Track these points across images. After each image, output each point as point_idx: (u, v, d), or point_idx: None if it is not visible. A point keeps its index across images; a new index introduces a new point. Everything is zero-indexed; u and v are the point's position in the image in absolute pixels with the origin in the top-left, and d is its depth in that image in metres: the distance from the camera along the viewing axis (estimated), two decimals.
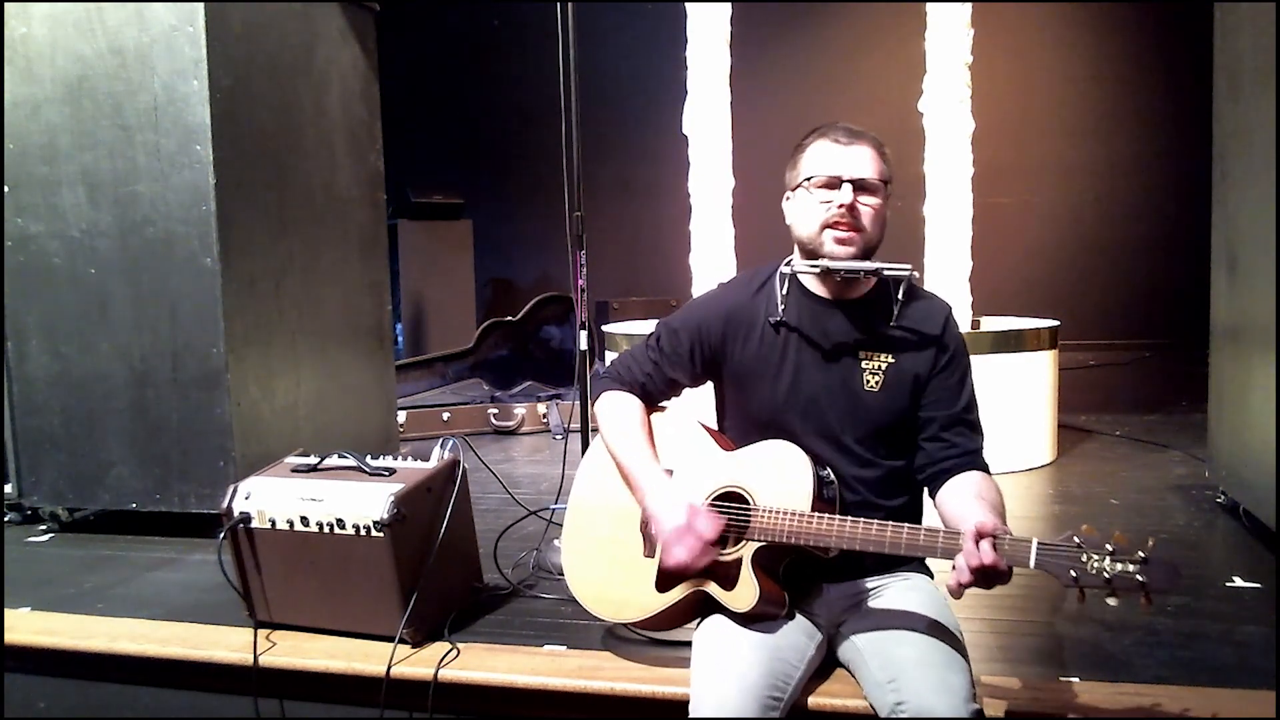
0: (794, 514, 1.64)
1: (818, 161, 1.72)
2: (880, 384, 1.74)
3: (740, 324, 1.81)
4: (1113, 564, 1.35)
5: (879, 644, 1.65)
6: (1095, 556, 1.37)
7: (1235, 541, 2.76)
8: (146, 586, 2.57)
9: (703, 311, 1.87)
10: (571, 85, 2.55)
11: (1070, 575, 1.37)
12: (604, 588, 1.86)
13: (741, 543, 1.68)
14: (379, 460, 2.20)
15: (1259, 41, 2.58)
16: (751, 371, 1.79)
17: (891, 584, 1.78)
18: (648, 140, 6.61)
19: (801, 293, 1.79)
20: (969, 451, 1.74)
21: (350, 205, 3.58)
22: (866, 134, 1.74)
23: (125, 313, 2.92)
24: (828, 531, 1.61)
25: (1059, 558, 1.39)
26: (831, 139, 1.72)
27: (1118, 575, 1.35)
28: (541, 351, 5.67)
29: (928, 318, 1.77)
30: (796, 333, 1.77)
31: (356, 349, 3.64)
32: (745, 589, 1.66)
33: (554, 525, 2.70)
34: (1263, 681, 1.80)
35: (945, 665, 1.56)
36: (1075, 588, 1.37)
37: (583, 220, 2.59)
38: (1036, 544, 1.41)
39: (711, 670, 1.61)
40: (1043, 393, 3.76)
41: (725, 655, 1.62)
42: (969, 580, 1.44)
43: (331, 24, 3.50)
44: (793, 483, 1.67)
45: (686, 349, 1.84)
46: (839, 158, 1.70)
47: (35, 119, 2.93)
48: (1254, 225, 2.64)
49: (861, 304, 1.77)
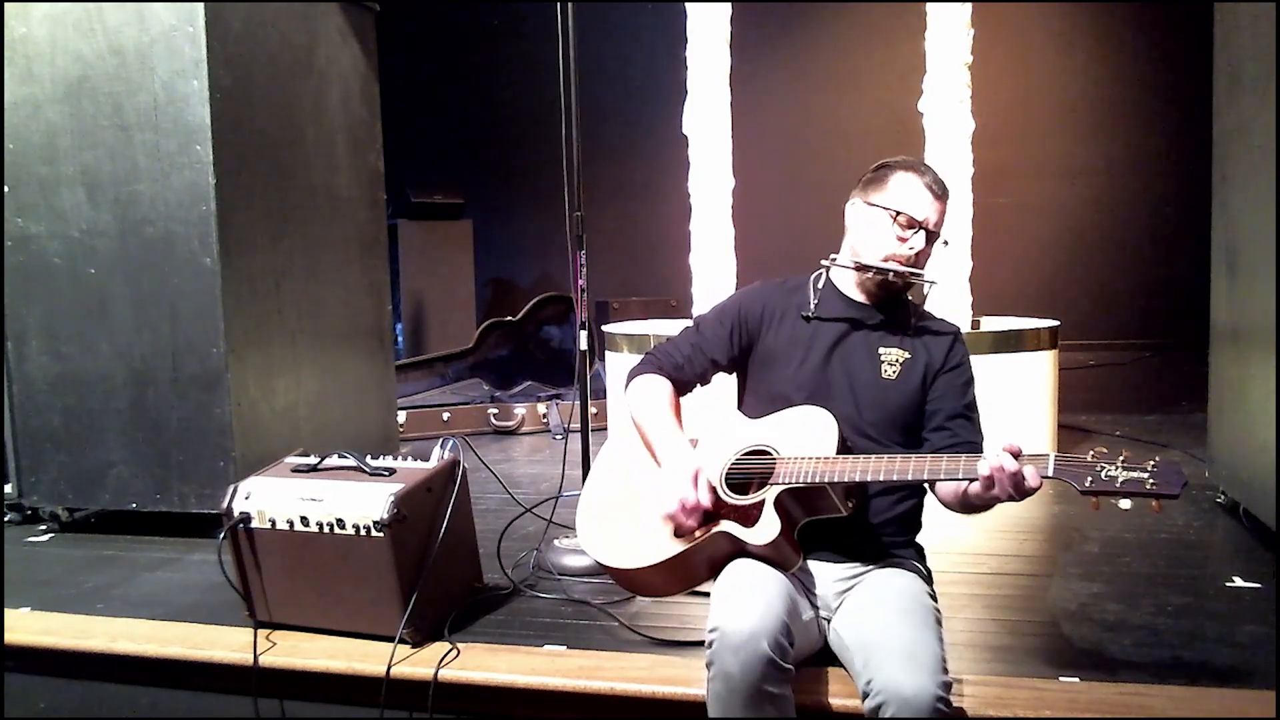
0: (818, 457, 1.72)
1: (909, 199, 1.85)
2: (898, 374, 1.88)
3: (775, 311, 1.96)
4: (1124, 471, 1.51)
5: (857, 629, 1.70)
6: (1108, 465, 1.52)
7: (1235, 541, 2.76)
8: (146, 586, 2.57)
9: (742, 297, 2.02)
10: (571, 85, 2.55)
11: (1086, 481, 1.52)
12: (617, 533, 1.88)
13: (765, 488, 1.74)
14: (379, 460, 2.20)
15: (1259, 41, 2.58)
16: (779, 354, 1.92)
17: (875, 572, 1.82)
18: (648, 140, 6.60)
19: (834, 293, 1.95)
20: (970, 442, 1.84)
21: (350, 205, 3.58)
22: (944, 185, 1.91)
23: (125, 313, 2.92)
24: (852, 468, 1.69)
25: (1076, 465, 1.54)
26: (927, 184, 1.86)
27: (1129, 479, 1.50)
28: (541, 351, 5.67)
29: (940, 331, 1.95)
30: (825, 323, 1.92)
31: (356, 349, 3.64)
32: (767, 524, 1.71)
33: (554, 525, 2.70)
34: (1263, 681, 1.81)
35: (912, 641, 1.58)
36: (1091, 494, 1.52)
37: (583, 220, 2.59)
38: (1054, 456, 1.56)
39: (733, 589, 1.65)
40: (1043, 393, 3.76)
41: (748, 578, 1.67)
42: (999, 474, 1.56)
43: (331, 24, 3.50)
44: (818, 436, 1.77)
45: (727, 329, 1.96)
46: (928, 207, 1.85)
47: (35, 119, 2.93)
48: (1254, 225, 2.64)
49: (885, 310, 1.93)
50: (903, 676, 1.50)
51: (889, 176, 1.88)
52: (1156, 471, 1.50)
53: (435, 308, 7.20)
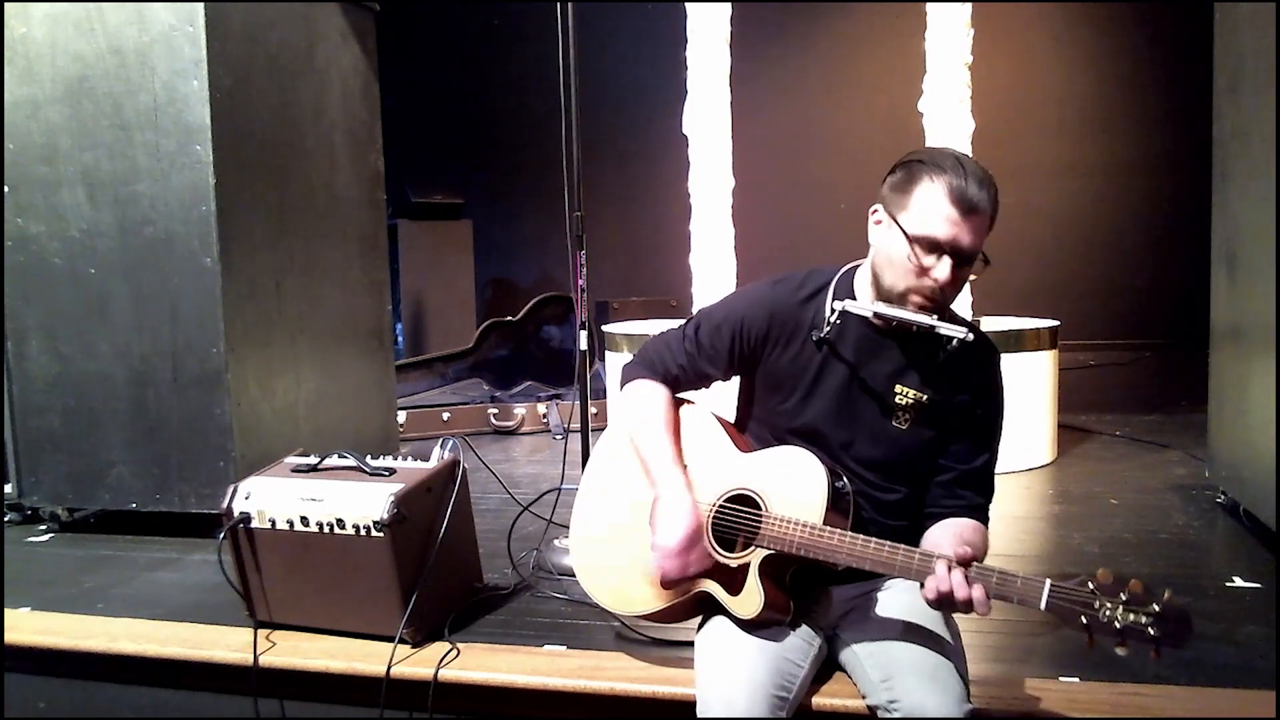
0: (805, 525, 1.62)
1: (931, 218, 1.55)
2: (909, 421, 1.71)
3: (784, 328, 1.75)
4: (1125, 613, 1.32)
5: (875, 646, 1.65)
6: (1109, 604, 1.34)
7: (1235, 541, 2.76)
8: (146, 586, 2.57)
9: (747, 306, 1.79)
10: (571, 85, 2.55)
11: (1081, 621, 1.35)
12: (610, 579, 1.86)
13: (750, 548, 1.67)
14: (379, 460, 2.20)
15: (1259, 41, 2.57)
16: (784, 379, 1.76)
17: (890, 586, 1.78)
18: (648, 140, 6.59)
19: (854, 315, 1.70)
20: (974, 506, 1.74)
21: (350, 205, 3.58)
22: (989, 192, 1.55)
23: (125, 313, 2.92)
24: (837, 548, 1.59)
25: (1071, 601, 1.37)
26: (954, 199, 1.53)
27: (1130, 626, 1.32)
28: (541, 351, 5.67)
29: (975, 363, 1.72)
30: (837, 357, 1.72)
31: (356, 349, 3.64)
32: (750, 597, 1.65)
33: (554, 525, 2.70)
34: (1263, 681, 1.80)
35: (939, 665, 1.56)
36: (1085, 634, 1.35)
37: (583, 220, 2.59)
38: (1049, 585, 1.39)
39: (717, 671, 1.60)
40: (1043, 393, 3.76)
41: (730, 656, 1.62)
42: (933, 600, 1.45)
43: (331, 24, 3.50)
44: (807, 492, 1.65)
45: (726, 345, 1.78)
46: (954, 227, 1.54)
47: (35, 119, 2.92)
48: (1254, 225, 2.64)
49: (912, 336, 1.69)
50: (928, 699, 1.49)
51: (914, 186, 1.58)
52: (1162, 620, 1.30)
53: (435, 308, 7.20)
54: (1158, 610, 1.31)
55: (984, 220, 1.56)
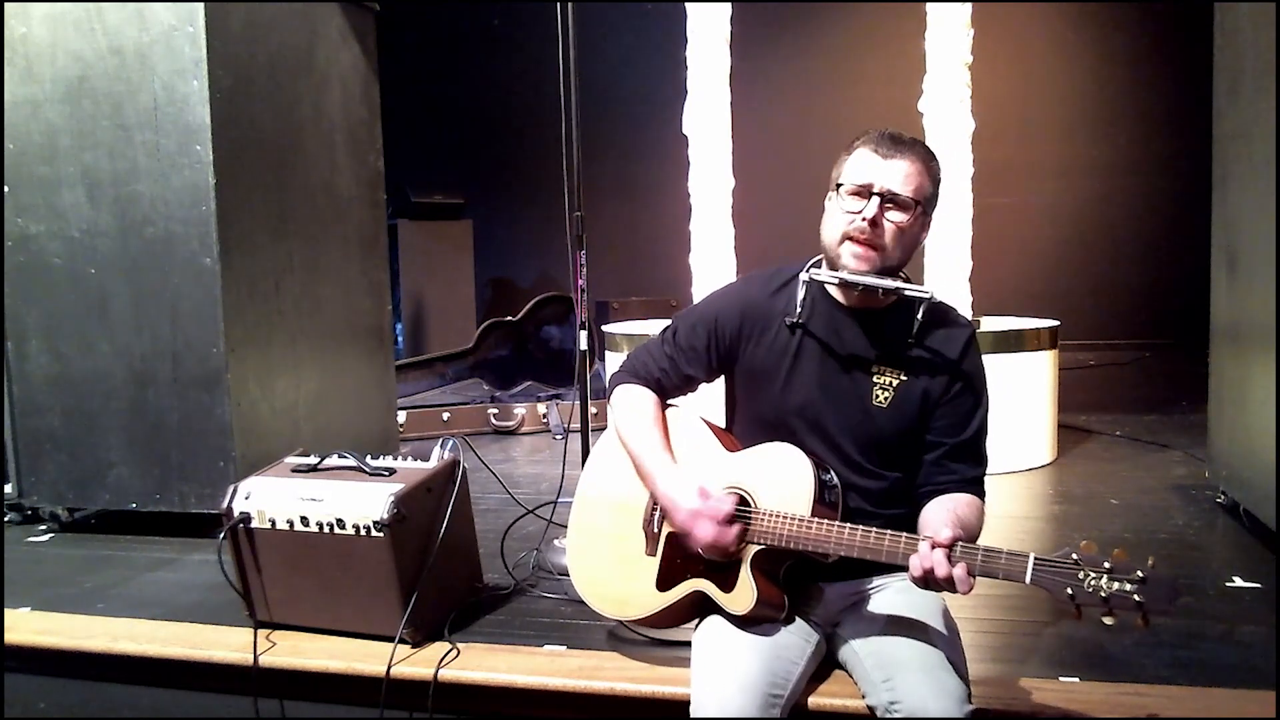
0: (794, 518, 1.63)
1: (854, 168, 1.66)
2: (889, 401, 1.71)
3: (756, 321, 1.78)
4: (1110, 582, 1.34)
5: (875, 644, 1.66)
6: (1093, 574, 1.35)
7: (1235, 541, 2.76)
8: (146, 586, 2.57)
9: (719, 305, 1.84)
10: (571, 85, 2.55)
11: (1066, 593, 1.36)
12: (606, 585, 1.86)
13: (742, 544, 1.68)
14: (379, 460, 2.20)
15: (1259, 41, 2.57)
16: (762, 371, 1.78)
17: (890, 584, 1.78)
18: (648, 140, 6.60)
19: (822, 296, 1.75)
20: (968, 479, 1.73)
21: (350, 205, 3.58)
22: (915, 146, 1.66)
23: (125, 313, 2.92)
24: (826, 537, 1.60)
25: (1056, 574, 1.38)
26: (873, 147, 1.65)
27: (1115, 594, 1.33)
28: (541, 351, 5.68)
29: (949, 340, 1.73)
30: (812, 338, 1.74)
31: (356, 349, 3.64)
32: (743, 592, 1.66)
33: (554, 525, 2.70)
34: (1263, 681, 1.80)
35: (941, 666, 1.56)
36: (1072, 605, 1.36)
37: (583, 220, 2.59)
38: (1033, 559, 1.40)
39: (711, 671, 1.61)
40: (1043, 393, 3.76)
41: (724, 655, 1.62)
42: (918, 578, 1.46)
43: (331, 24, 3.50)
44: (794, 485, 1.66)
45: (703, 343, 1.82)
46: (874, 168, 1.64)
47: (35, 119, 2.92)
48: (1254, 225, 2.64)
49: (882, 317, 1.73)
50: (930, 700, 1.49)
51: (841, 158, 1.70)
52: (1146, 586, 1.32)
53: (435, 308, 7.21)
54: (1141, 577, 1.32)
55: (908, 164, 1.64)
